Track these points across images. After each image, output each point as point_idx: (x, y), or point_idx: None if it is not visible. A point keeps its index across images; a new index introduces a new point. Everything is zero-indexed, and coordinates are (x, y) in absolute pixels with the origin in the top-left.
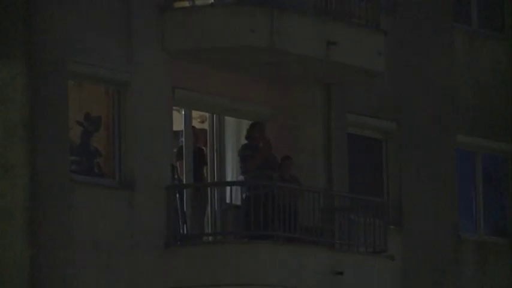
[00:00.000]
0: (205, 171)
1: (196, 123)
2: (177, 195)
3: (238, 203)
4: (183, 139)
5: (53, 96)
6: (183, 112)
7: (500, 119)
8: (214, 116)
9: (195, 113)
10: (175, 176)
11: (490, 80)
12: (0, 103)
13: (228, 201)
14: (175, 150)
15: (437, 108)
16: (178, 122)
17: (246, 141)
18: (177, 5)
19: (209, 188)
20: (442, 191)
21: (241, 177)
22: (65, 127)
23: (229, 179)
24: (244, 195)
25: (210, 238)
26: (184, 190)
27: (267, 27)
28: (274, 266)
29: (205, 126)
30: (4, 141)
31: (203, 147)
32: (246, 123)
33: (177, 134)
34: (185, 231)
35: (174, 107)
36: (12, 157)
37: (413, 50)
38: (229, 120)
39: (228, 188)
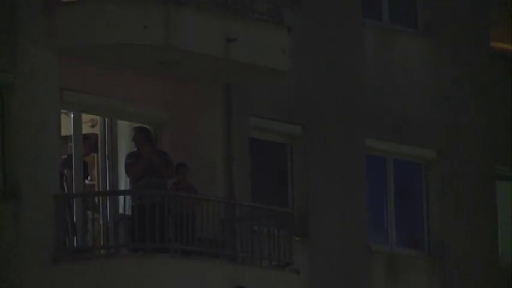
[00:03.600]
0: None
1: (86, 128)
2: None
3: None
4: (72, 145)
5: None
6: (72, 115)
7: (412, 122)
8: (106, 119)
9: (85, 117)
10: (64, 185)
11: (402, 79)
12: None
13: (121, 211)
14: (64, 157)
15: (345, 110)
16: (67, 127)
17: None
18: None
19: (100, 198)
20: (351, 200)
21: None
22: None
23: (122, 187)
24: (132, 205)
25: (103, 251)
26: (74, 200)
27: (161, 23)
28: (172, 280)
29: (96, 130)
30: None
31: (86, 159)
32: None
33: (66, 139)
34: (75, 244)
35: (62, 110)
36: None
37: (320, 48)
38: (122, 124)
39: (121, 198)
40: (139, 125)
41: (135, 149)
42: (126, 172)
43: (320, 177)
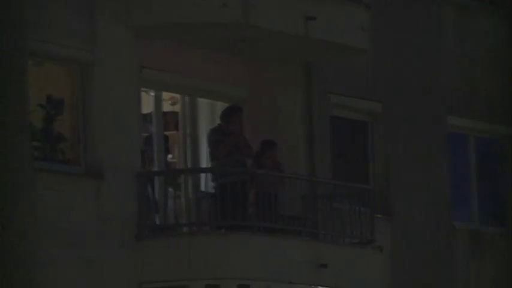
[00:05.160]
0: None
1: (167, 106)
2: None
3: (213, 191)
4: (153, 123)
5: (12, 78)
6: (153, 94)
7: (494, 99)
8: (186, 97)
9: (165, 95)
10: (146, 163)
11: (482, 56)
12: None
13: (202, 189)
14: (145, 135)
15: (425, 87)
16: (147, 105)
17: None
18: None
19: (182, 175)
20: (433, 177)
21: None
22: (25, 110)
23: (203, 165)
24: (215, 183)
25: (185, 229)
26: (156, 178)
27: (240, 2)
28: (253, 258)
29: (177, 109)
30: None
31: (167, 134)
32: (220, 105)
33: (145, 117)
34: (157, 222)
35: (142, 89)
36: None
37: (400, 25)
38: (203, 102)
39: (202, 175)
40: (232, 104)
41: (216, 124)
42: (214, 148)
43: (401, 155)
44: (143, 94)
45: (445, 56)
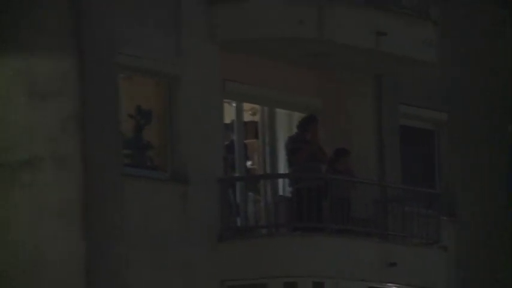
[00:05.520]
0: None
1: (247, 116)
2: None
3: (290, 195)
4: (235, 132)
5: (104, 90)
6: (234, 105)
7: None
8: (265, 108)
9: (246, 106)
10: (227, 169)
11: None
12: (52, 96)
13: (280, 193)
14: (226, 143)
15: (489, 97)
16: (229, 115)
17: (294, 133)
18: None
19: (262, 181)
20: (494, 181)
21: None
22: (116, 120)
23: (281, 171)
24: (292, 188)
25: (264, 231)
26: (237, 183)
27: (315, 18)
28: (327, 258)
29: (257, 118)
30: (56, 135)
31: (247, 142)
32: (297, 115)
33: (227, 126)
34: (238, 224)
35: (225, 100)
36: (65, 150)
37: (465, 39)
38: (280, 113)
39: (280, 180)
40: (308, 114)
41: (294, 133)
42: (292, 155)
43: (465, 161)
44: (225, 105)
45: (509, 67)
